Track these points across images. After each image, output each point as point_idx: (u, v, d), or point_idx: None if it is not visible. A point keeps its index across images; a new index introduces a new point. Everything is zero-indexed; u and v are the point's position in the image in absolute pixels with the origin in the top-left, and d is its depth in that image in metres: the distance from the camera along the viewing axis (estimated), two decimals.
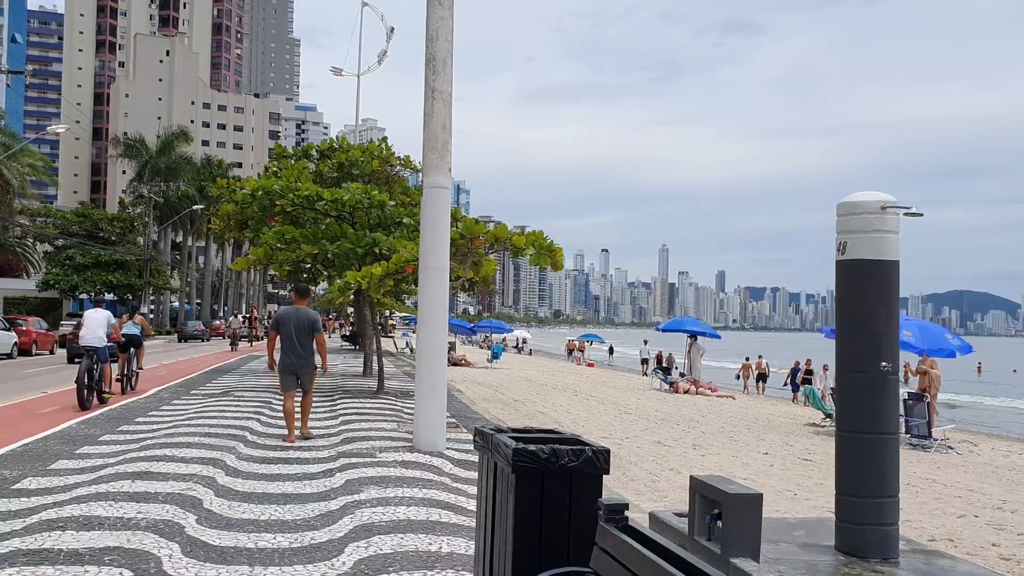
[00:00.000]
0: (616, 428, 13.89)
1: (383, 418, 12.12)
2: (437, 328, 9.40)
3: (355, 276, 12.22)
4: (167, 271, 60.36)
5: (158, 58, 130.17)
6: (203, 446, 9.02)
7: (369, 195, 15.18)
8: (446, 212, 9.45)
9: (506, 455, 3.36)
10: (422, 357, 9.36)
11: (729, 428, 14.91)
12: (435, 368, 9.32)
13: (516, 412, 15.36)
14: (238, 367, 23.50)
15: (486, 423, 11.54)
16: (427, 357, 9.33)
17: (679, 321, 25.80)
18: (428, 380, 9.30)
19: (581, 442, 3.53)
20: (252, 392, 15.55)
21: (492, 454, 3.66)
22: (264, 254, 15.85)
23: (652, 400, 19.87)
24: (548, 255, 10.74)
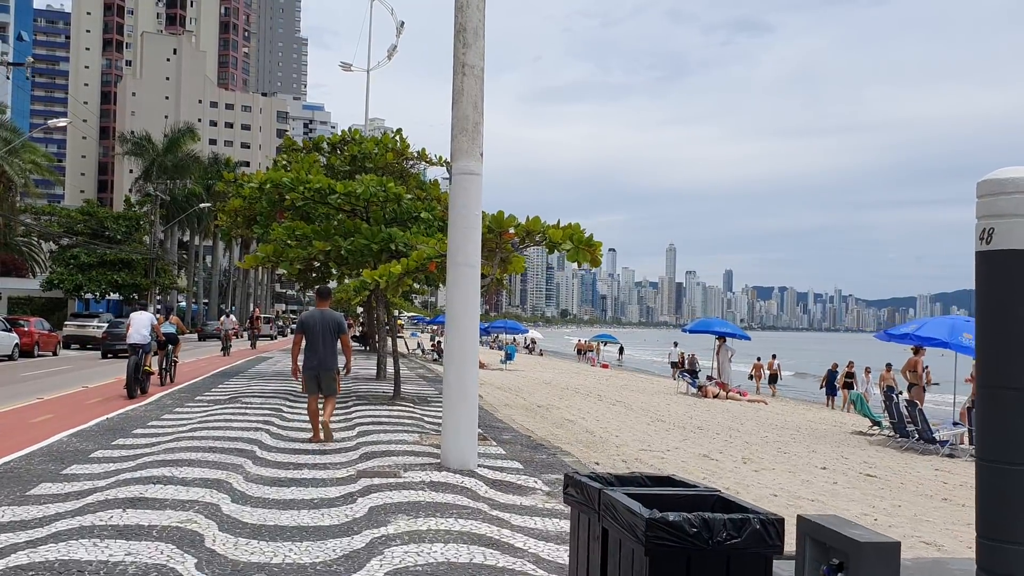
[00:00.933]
0: (653, 438, 12.88)
1: (403, 428, 11.12)
2: (468, 331, 8.40)
3: (372, 275, 11.24)
4: (173, 270, 59.48)
5: (165, 56, 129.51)
6: (207, 464, 8.04)
7: (384, 187, 14.21)
8: (478, 202, 8.45)
9: (631, 525, 2.33)
10: (452, 363, 8.36)
11: (773, 438, 13.88)
12: (466, 376, 8.32)
13: (542, 420, 14.36)
14: (245, 370, 22.54)
15: (532, 443, 10.56)
16: (457, 363, 8.33)
17: (707, 322, 24.74)
18: (458, 389, 8.30)
19: (739, 506, 2.50)
20: (261, 398, 14.58)
21: (601, 517, 2.61)
22: (273, 251, 14.88)
23: (682, 405, 18.82)
24: (587, 250, 9.72)
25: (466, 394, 8.32)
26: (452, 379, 8.35)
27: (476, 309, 8.51)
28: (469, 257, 8.41)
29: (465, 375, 8.32)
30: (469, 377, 8.35)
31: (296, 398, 14.94)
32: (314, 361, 9.85)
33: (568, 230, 9.97)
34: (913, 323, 14.77)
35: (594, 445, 11.63)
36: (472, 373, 8.38)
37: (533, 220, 10.17)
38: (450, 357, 8.40)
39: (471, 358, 8.41)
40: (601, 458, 10.45)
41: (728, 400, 21.10)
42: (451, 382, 8.36)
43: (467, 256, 8.40)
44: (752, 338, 24.46)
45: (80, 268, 48.31)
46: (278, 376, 20.41)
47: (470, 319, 8.42)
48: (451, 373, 8.37)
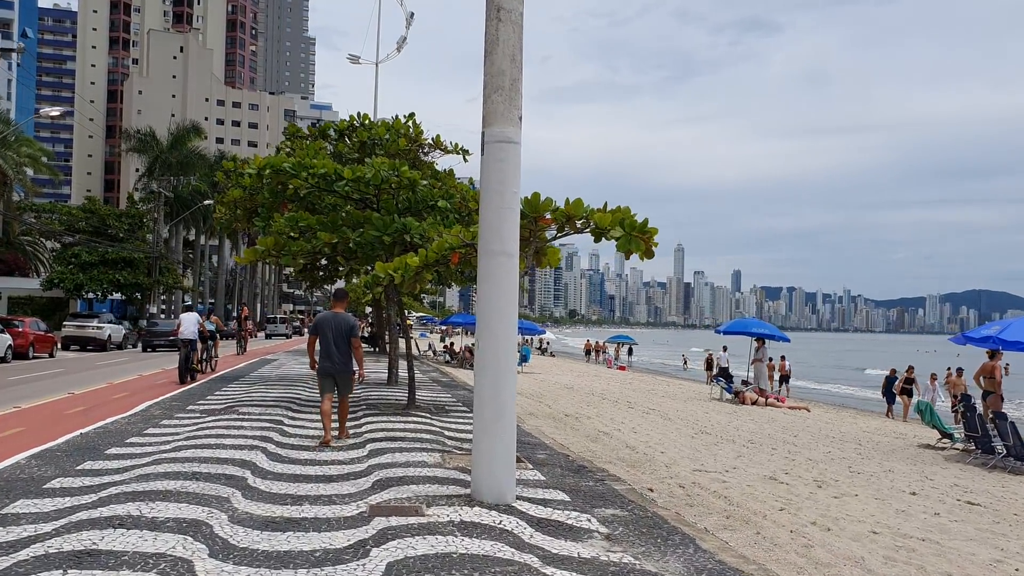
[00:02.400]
0: (703, 454, 11.34)
1: (422, 445, 9.62)
2: (504, 335, 6.88)
3: (387, 268, 9.74)
4: (178, 269, 58.12)
5: (171, 55, 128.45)
6: (187, 497, 6.55)
7: (398, 172, 12.72)
8: (516, 176, 6.94)
9: None
10: (485, 374, 6.85)
11: (837, 453, 12.32)
12: (503, 390, 6.81)
13: (574, 432, 12.84)
14: (247, 374, 21.07)
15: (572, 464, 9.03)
16: (492, 374, 6.82)
17: (743, 322, 23.15)
18: (493, 406, 6.79)
19: None
20: (260, 408, 13.10)
21: None
22: (274, 244, 13.40)
23: (722, 414, 17.28)
24: (640, 238, 8.18)
25: (502, 411, 6.81)
26: (486, 393, 6.84)
27: (514, 308, 7.00)
28: (506, 244, 6.90)
29: (502, 388, 6.81)
30: (506, 391, 6.83)
31: (300, 407, 13.47)
32: (328, 364, 9.82)
33: (618, 214, 8.43)
34: (995, 324, 13.21)
35: (640, 464, 10.10)
36: (509, 386, 6.87)
37: (575, 203, 8.65)
38: (483, 366, 6.89)
39: (508, 368, 6.90)
40: (652, 481, 8.93)
41: (768, 407, 19.53)
42: (484, 397, 6.84)
43: (504, 243, 6.89)
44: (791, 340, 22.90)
45: (81, 267, 46.94)
46: (283, 381, 18.94)
47: (507, 320, 6.91)
48: (484, 386, 6.85)
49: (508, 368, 6.90)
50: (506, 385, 6.85)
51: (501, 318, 6.89)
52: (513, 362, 6.98)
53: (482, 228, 6.99)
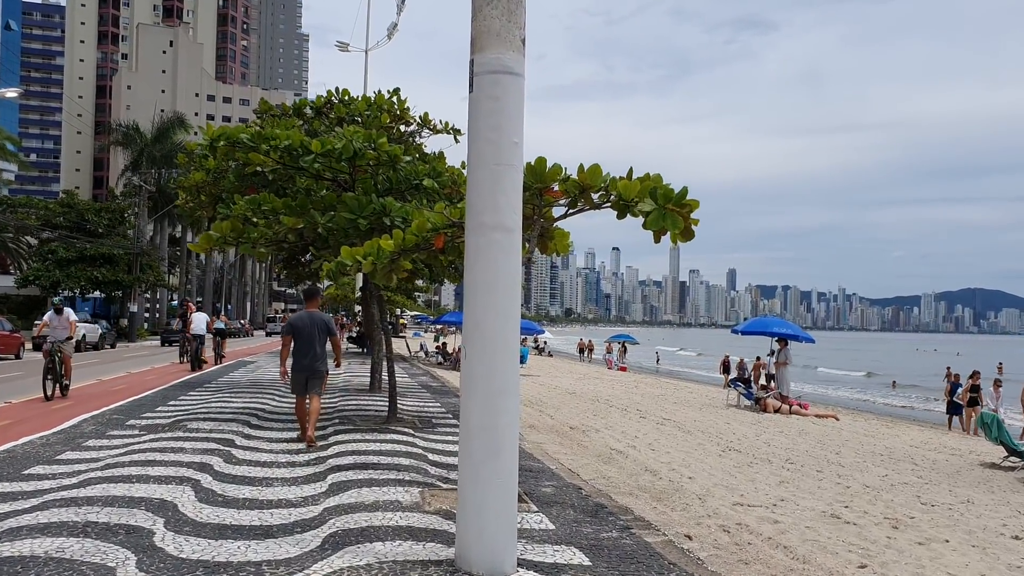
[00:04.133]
0: (739, 480, 9.45)
1: (397, 476, 7.71)
2: (503, 340, 4.98)
3: (355, 253, 7.83)
4: (161, 266, 56.06)
5: (161, 49, 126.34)
6: (55, 568, 4.64)
7: (374, 143, 10.80)
8: (518, 120, 5.04)
9: None
10: (475, 394, 4.95)
11: (895, 476, 10.43)
12: (501, 415, 4.91)
13: (583, 450, 10.94)
14: (215, 378, 19.12)
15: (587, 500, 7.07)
16: (485, 395, 4.92)
17: (763, 322, 21.23)
18: (486, 440, 4.89)
19: None
20: (214, 422, 11.18)
21: None
22: (231, 230, 11.45)
23: (745, 424, 15.37)
24: (677, 213, 6.27)
25: (499, 446, 4.90)
26: (475, 420, 4.92)
27: (515, 302, 5.09)
28: (502, 215, 4.99)
29: (499, 413, 4.90)
30: (505, 416, 4.92)
31: (262, 420, 11.56)
32: (304, 363, 9.79)
33: (648, 182, 6.51)
34: None
35: (667, 496, 8.20)
36: (510, 409, 4.96)
37: (591, 170, 6.72)
38: (471, 382, 4.98)
39: (507, 384, 4.98)
40: (687, 522, 7.03)
41: (793, 415, 17.65)
42: (473, 425, 4.93)
43: (499, 213, 4.99)
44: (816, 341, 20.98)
45: (58, 264, 44.90)
46: (254, 387, 17.01)
47: (505, 319, 5.00)
48: (474, 410, 4.94)
49: (507, 384, 4.99)
50: (505, 408, 4.94)
51: (497, 316, 4.98)
52: (515, 376, 5.07)
53: (470, 194, 5.08)
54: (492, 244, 4.96)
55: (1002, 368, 59.16)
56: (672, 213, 6.33)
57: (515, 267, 5.06)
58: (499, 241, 4.97)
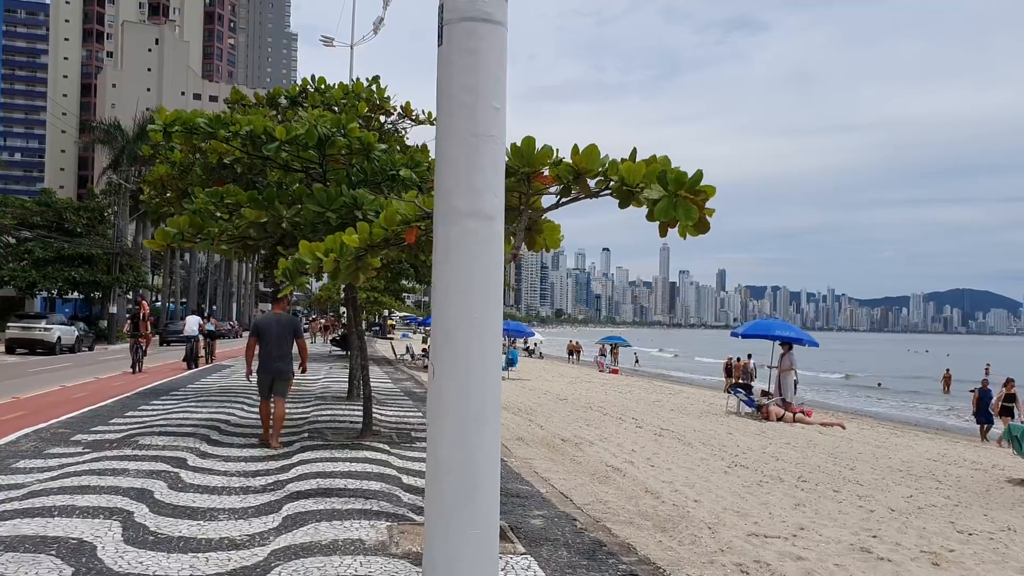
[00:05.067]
0: (751, 504, 8.48)
1: (364, 504, 6.71)
2: (480, 352, 3.97)
3: (314, 250, 6.82)
4: (144, 267, 54.80)
5: (147, 47, 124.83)
6: None
7: (344, 129, 9.79)
8: (499, 79, 4.04)
9: None
10: (445, 421, 3.94)
11: (920, 497, 9.45)
12: (477, 448, 3.91)
13: (576, 467, 9.95)
14: (184, 385, 18.05)
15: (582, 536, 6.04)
16: (459, 422, 3.92)
17: (765, 324, 20.21)
18: (458, 479, 3.89)
19: None
20: (170, 436, 10.15)
21: None
22: (188, 225, 10.41)
23: (750, 435, 14.40)
24: (691, 201, 5.28)
25: (476, 488, 3.89)
26: (445, 455, 3.91)
27: (496, 307, 4.07)
28: (481, 199, 3.99)
29: (476, 446, 3.90)
30: (483, 452, 3.92)
31: (224, 435, 10.54)
32: (269, 365, 9.78)
33: (654, 165, 5.53)
34: None
35: (672, 525, 7.22)
36: (489, 443, 3.95)
37: (587, 151, 5.73)
38: (440, 407, 3.96)
39: (486, 409, 3.97)
40: (699, 562, 6.05)
41: (797, 424, 16.69)
42: (443, 461, 3.92)
43: (476, 197, 3.98)
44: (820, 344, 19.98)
45: (35, 264, 43.60)
46: (224, 394, 15.97)
47: (482, 326, 4.00)
48: (443, 443, 3.93)
49: (486, 409, 3.98)
50: (483, 439, 3.93)
51: (472, 325, 3.97)
52: (495, 398, 4.06)
53: (439, 173, 4.07)
54: (467, 235, 3.96)
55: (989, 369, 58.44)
56: (684, 201, 5.35)
57: (495, 264, 4.05)
58: (476, 231, 3.96)
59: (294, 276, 7.48)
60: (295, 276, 7.48)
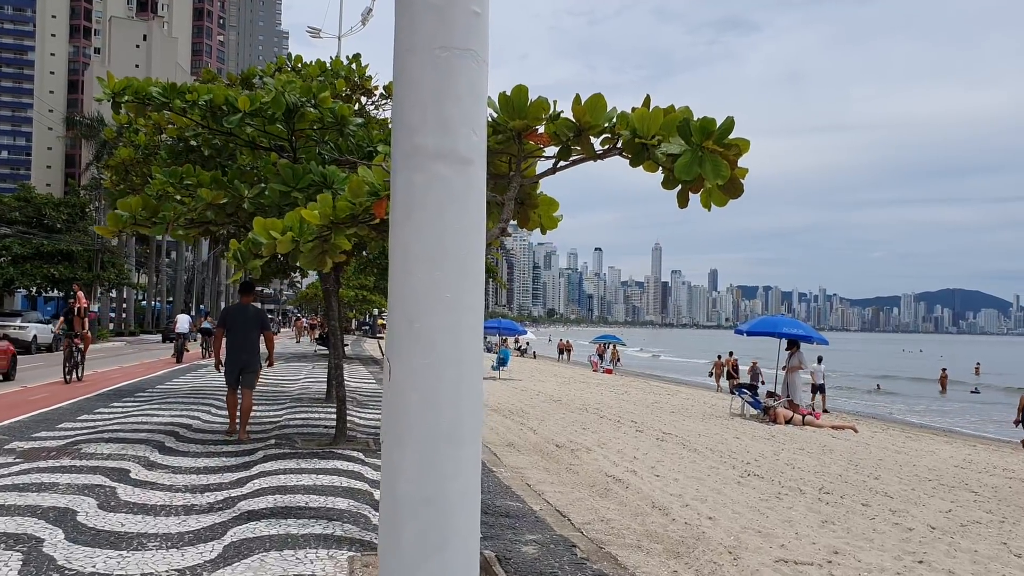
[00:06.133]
0: (773, 521, 7.45)
1: (325, 527, 5.66)
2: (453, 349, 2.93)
3: (270, 228, 5.77)
4: (127, 264, 53.55)
5: (135, 43, 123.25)
6: None
7: (314, 99, 8.74)
8: None
9: None
10: (405, 444, 2.90)
11: (959, 511, 8.44)
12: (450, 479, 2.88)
13: (573, 477, 8.91)
14: (154, 385, 16.95)
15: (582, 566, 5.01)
16: (422, 441, 2.89)
17: (771, 321, 19.18)
18: (423, 520, 2.85)
19: None
20: (118, 444, 9.08)
21: None
22: (142, 207, 9.31)
23: (759, 440, 13.37)
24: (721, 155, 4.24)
25: (447, 534, 2.86)
26: (405, 489, 2.88)
27: (476, 283, 3.03)
28: (455, 136, 2.95)
29: (448, 478, 2.87)
30: (459, 483, 2.89)
31: (180, 441, 9.47)
32: (235, 357, 9.76)
33: (673, 115, 4.50)
34: None
35: (687, 552, 6.19)
36: (466, 471, 2.92)
37: (590, 101, 4.69)
38: (399, 421, 2.92)
39: (461, 425, 2.93)
40: None
41: (807, 427, 15.68)
42: (402, 497, 2.88)
43: (448, 133, 2.95)
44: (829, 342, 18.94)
45: (13, 260, 42.38)
46: (192, 396, 14.89)
47: (458, 310, 2.96)
48: (403, 471, 2.90)
49: (462, 424, 2.94)
50: (457, 467, 2.90)
51: (445, 309, 2.93)
52: (475, 409, 3.01)
53: (397, 101, 3.02)
54: (436, 184, 2.92)
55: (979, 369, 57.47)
56: (713, 156, 4.31)
57: (474, 224, 3.01)
58: (448, 179, 2.92)
59: (246, 259, 6.42)
60: (247, 259, 6.42)
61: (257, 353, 9.93)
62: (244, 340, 9.79)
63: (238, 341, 9.77)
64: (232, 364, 9.78)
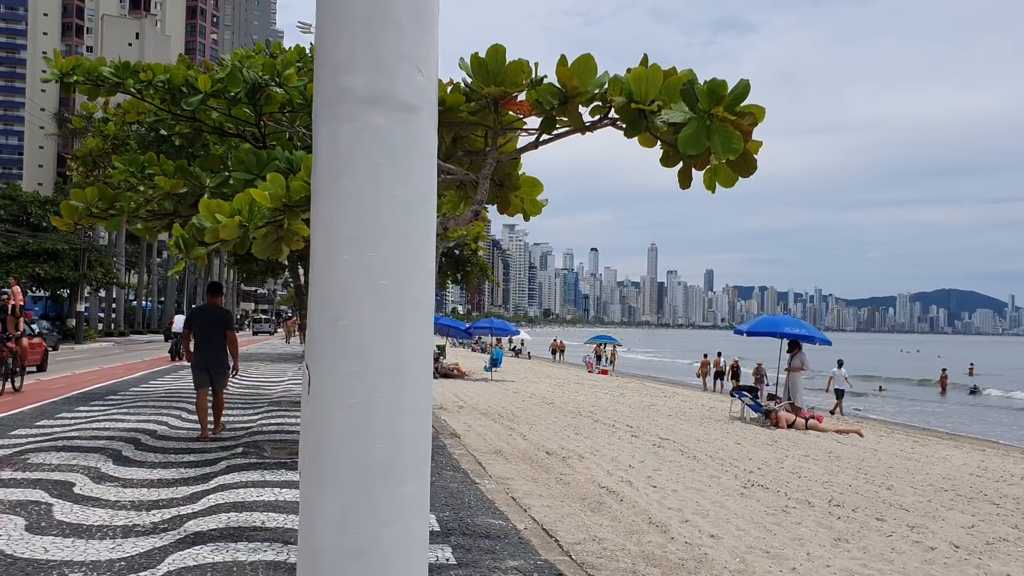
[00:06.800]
0: (782, 540, 6.79)
1: (278, 552, 4.98)
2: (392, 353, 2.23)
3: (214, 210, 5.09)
4: (113, 263, 52.76)
5: (127, 41, 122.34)
6: None
7: (278, 77, 8.07)
8: None
9: None
10: (328, 473, 2.21)
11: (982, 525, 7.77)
12: (384, 534, 2.16)
13: (563, 489, 8.23)
14: (129, 387, 16.25)
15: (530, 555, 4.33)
16: (351, 476, 2.18)
17: (772, 321, 18.53)
18: None
19: None
20: (72, 453, 8.38)
21: None
22: (98, 198, 8.62)
23: (761, 445, 12.69)
24: (733, 124, 3.59)
25: None
26: (323, 545, 2.19)
27: (426, 268, 2.33)
28: (395, 77, 2.26)
29: (384, 526, 2.17)
30: (398, 531, 2.19)
31: (138, 450, 8.78)
32: (203, 358, 9.71)
33: (675, 78, 3.83)
34: None
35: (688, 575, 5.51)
36: (412, 522, 2.22)
37: (579, 63, 4.02)
38: (319, 454, 2.23)
39: (402, 455, 2.24)
40: None
41: (810, 431, 15.01)
42: (323, 554, 2.19)
43: (386, 72, 2.25)
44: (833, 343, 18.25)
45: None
46: (165, 399, 14.20)
47: (399, 305, 2.26)
48: (319, 521, 2.21)
49: (405, 455, 2.25)
50: (399, 515, 2.22)
51: (380, 300, 2.24)
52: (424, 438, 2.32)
53: (320, 31, 2.34)
54: (367, 138, 2.23)
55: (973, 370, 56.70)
56: (724, 125, 3.63)
57: (422, 193, 2.33)
58: (384, 132, 2.23)
59: (190, 247, 5.75)
60: (191, 247, 5.73)
61: (225, 353, 9.84)
62: (211, 341, 9.73)
63: (205, 343, 9.72)
64: (200, 366, 9.69)
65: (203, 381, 9.70)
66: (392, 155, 2.23)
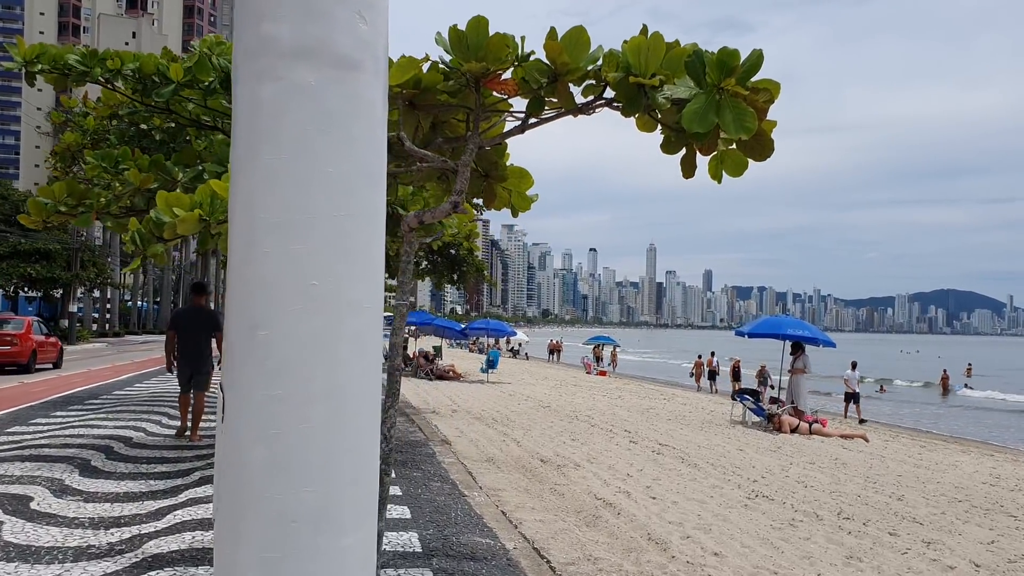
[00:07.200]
0: (792, 560, 6.35)
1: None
2: (327, 378, 1.77)
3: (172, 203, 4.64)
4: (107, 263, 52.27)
5: (124, 41, 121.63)
6: None
7: None
8: None
9: None
10: (237, 544, 1.74)
11: (1002, 541, 7.31)
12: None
13: (558, 500, 7.78)
14: (112, 391, 15.77)
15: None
16: (263, 546, 1.71)
17: (774, 322, 18.07)
18: None
19: None
20: (37, 463, 7.94)
21: None
22: (67, 194, 8.15)
23: (765, 452, 12.23)
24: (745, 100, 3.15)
25: None
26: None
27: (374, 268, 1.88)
28: (332, 26, 1.81)
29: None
30: None
31: (109, 459, 8.32)
32: (186, 361, 9.57)
33: (679, 51, 3.39)
34: None
35: None
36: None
37: (569, 36, 3.58)
38: (237, 500, 1.78)
39: (338, 502, 1.78)
40: None
41: (815, 436, 14.56)
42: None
43: (319, 21, 1.80)
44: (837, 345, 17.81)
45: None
46: (148, 403, 13.74)
47: (331, 313, 1.80)
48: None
49: (343, 501, 1.80)
50: (338, 570, 1.76)
51: (313, 304, 1.79)
52: (372, 481, 1.87)
53: None
54: (295, 100, 1.78)
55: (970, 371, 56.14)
56: (735, 100, 3.18)
57: (368, 169, 1.87)
58: (316, 92, 1.79)
59: (147, 242, 5.30)
60: (148, 242, 5.27)
61: (209, 355, 9.78)
62: (194, 344, 9.65)
63: (189, 344, 9.64)
64: (183, 367, 9.65)
65: (185, 383, 9.67)
66: (326, 121, 1.77)
